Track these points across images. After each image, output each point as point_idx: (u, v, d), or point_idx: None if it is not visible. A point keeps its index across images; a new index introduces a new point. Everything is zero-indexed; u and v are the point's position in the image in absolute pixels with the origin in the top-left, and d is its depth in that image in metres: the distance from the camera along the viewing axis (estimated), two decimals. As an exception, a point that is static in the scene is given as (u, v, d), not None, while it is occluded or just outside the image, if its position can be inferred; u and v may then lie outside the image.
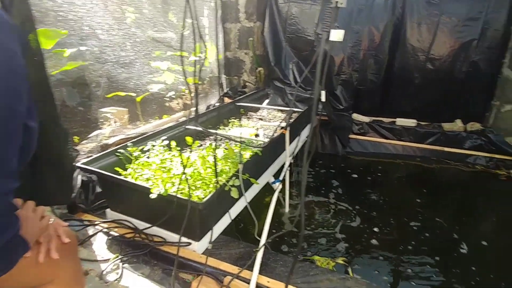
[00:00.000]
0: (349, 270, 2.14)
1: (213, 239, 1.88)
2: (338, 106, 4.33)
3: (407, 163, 4.05)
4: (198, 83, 1.49)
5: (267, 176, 2.57)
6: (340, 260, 2.26)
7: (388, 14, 4.10)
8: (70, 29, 2.93)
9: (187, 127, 2.71)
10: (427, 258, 2.37)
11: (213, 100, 4.94)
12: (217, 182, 1.58)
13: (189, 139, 1.96)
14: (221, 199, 1.73)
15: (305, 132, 3.67)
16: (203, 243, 1.80)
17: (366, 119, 4.45)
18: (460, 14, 3.83)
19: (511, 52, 3.68)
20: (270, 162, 2.64)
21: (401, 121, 4.31)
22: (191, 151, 1.66)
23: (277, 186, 2.30)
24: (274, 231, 2.53)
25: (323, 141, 4.33)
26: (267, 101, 4.24)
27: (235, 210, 2.01)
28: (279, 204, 2.82)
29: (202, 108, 4.49)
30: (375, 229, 2.70)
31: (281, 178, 2.55)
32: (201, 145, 2.60)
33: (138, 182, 1.80)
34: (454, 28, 3.89)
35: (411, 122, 4.26)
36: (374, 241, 2.53)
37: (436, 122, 4.25)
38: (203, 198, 1.63)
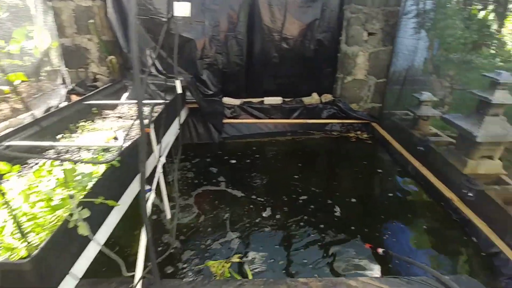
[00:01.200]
0: (246, 268, 2.03)
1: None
2: (207, 91, 4.13)
3: (280, 140, 4.27)
4: (28, 80, 0.97)
5: (136, 187, 2.14)
6: (235, 259, 2.13)
7: (242, -6, 4.07)
8: None
9: (8, 143, 1.97)
10: (316, 230, 2.51)
11: (56, 100, 3.95)
12: (22, 234, 1.09)
13: (4, 166, 1.36)
14: (66, 241, 1.27)
15: (176, 125, 3.33)
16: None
17: (236, 101, 4.43)
18: (303, -5, 4.14)
19: (345, 30, 4.23)
20: (137, 169, 2.22)
21: (268, 100, 4.48)
22: None
23: (149, 195, 1.94)
24: (160, 248, 2.19)
25: (197, 130, 4.09)
26: (126, 95, 3.65)
27: (92, 249, 1.53)
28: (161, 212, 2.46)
29: (38, 113, 3.51)
30: (266, 214, 2.69)
31: (152, 186, 2.18)
32: (35, 165, 1.93)
33: None
34: (300, 9, 4.18)
35: (277, 100, 4.48)
36: (267, 228, 2.51)
37: (298, 97, 4.61)
38: (37, 244, 1.15)
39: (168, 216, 2.44)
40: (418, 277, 1.81)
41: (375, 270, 2.15)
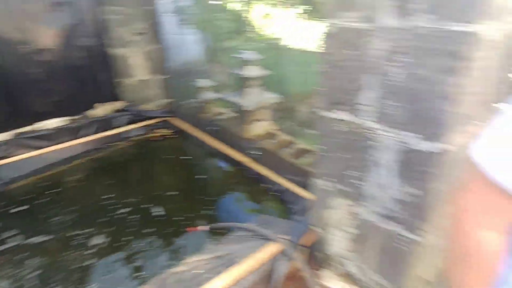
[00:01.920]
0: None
1: None
2: None
3: (79, 163, 3.78)
4: None
5: None
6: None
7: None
8: None
9: None
10: (148, 237, 2.47)
11: None
12: None
13: None
14: None
15: None
16: None
17: (6, 136, 3.54)
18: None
19: (110, 32, 4.07)
20: None
21: (50, 123, 3.83)
22: None
23: None
24: None
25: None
26: None
27: None
28: None
29: None
30: (89, 244, 2.42)
31: None
32: None
33: None
34: (48, 14, 3.66)
35: (61, 121, 3.90)
36: (94, 259, 2.27)
37: (85, 112, 4.17)
38: None
39: None
40: (233, 233, 2.16)
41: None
